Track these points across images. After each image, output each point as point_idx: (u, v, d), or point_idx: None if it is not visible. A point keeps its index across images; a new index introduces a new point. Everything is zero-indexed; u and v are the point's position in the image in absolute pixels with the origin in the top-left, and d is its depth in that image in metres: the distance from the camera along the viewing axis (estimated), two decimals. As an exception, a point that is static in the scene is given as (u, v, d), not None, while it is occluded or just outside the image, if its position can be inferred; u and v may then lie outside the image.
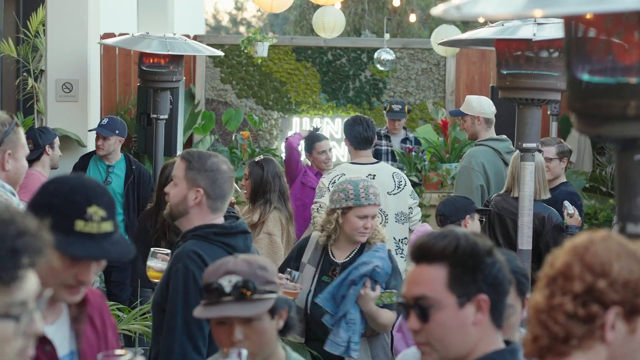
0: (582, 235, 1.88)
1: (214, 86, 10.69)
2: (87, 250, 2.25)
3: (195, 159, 3.35)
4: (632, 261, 1.82)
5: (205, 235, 3.30)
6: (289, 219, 5.68)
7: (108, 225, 2.28)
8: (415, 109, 10.68)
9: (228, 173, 3.38)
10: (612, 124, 1.89)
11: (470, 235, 2.12)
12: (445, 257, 2.09)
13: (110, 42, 7.07)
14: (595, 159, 10.00)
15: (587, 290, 1.80)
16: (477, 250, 2.09)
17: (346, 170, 6.01)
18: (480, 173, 6.10)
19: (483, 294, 2.08)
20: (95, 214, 2.26)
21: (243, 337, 2.52)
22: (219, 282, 2.53)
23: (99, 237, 2.26)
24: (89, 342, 2.44)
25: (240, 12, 30.20)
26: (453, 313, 2.08)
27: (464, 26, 12.20)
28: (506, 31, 3.91)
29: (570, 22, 1.92)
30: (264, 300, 2.53)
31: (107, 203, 2.30)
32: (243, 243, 3.37)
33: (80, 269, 2.28)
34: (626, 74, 1.85)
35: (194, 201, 3.31)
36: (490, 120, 6.40)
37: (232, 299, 2.51)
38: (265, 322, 2.56)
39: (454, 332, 2.09)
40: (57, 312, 2.40)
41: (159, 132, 6.41)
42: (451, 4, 1.84)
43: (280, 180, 5.69)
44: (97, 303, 2.52)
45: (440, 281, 2.08)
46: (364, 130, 5.98)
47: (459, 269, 2.08)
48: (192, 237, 3.31)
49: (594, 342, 1.82)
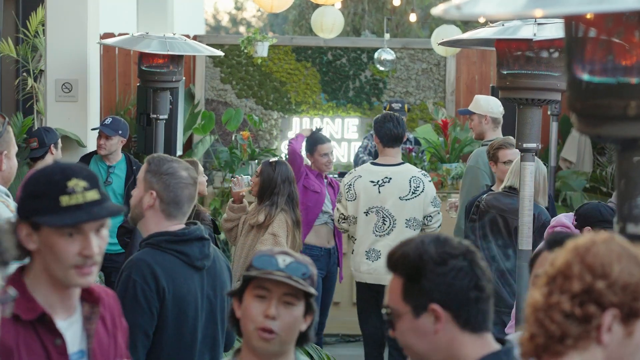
0: (585, 235, 1.88)
1: (213, 86, 10.69)
2: (76, 217, 2.27)
3: (154, 162, 3.39)
4: (633, 264, 1.81)
5: (157, 243, 3.32)
6: (295, 223, 5.71)
7: (93, 193, 2.31)
8: (415, 109, 10.67)
9: (186, 180, 3.37)
10: (613, 124, 1.89)
11: (426, 244, 2.11)
12: (398, 268, 2.12)
13: (110, 42, 7.06)
14: (595, 159, 9.99)
15: (585, 290, 1.80)
16: (424, 261, 2.08)
17: (364, 172, 6.07)
18: (487, 173, 6.12)
19: (434, 303, 2.08)
20: (76, 185, 2.29)
21: (277, 316, 2.53)
22: (275, 256, 2.57)
23: (87, 206, 2.29)
24: (100, 342, 2.45)
25: (240, 12, 30.19)
26: (411, 323, 2.10)
27: (464, 26, 12.19)
28: (506, 31, 3.90)
29: (571, 22, 1.91)
30: (308, 288, 2.56)
31: (86, 175, 2.33)
32: (199, 250, 3.36)
33: (81, 244, 2.30)
34: (627, 74, 1.84)
35: (147, 204, 3.33)
36: (497, 120, 6.41)
37: (284, 274, 2.53)
38: (299, 311, 2.58)
39: (419, 341, 2.11)
40: (71, 309, 2.41)
41: (159, 132, 6.40)
42: (451, 4, 1.83)
43: (290, 185, 5.74)
44: (110, 304, 2.53)
45: (397, 292, 2.11)
46: (394, 127, 6.04)
47: (409, 279, 2.10)
48: (145, 246, 3.34)
49: (589, 343, 1.81)
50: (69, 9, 7.72)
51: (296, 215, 5.73)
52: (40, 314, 2.32)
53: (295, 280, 2.53)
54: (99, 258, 2.35)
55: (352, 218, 6.07)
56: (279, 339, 2.55)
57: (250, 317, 2.57)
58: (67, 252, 2.29)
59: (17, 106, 9.40)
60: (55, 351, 2.34)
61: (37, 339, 2.33)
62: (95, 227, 2.32)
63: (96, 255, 2.32)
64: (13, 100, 9.54)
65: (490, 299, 2.14)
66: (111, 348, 2.48)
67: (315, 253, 6.69)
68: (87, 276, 2.33)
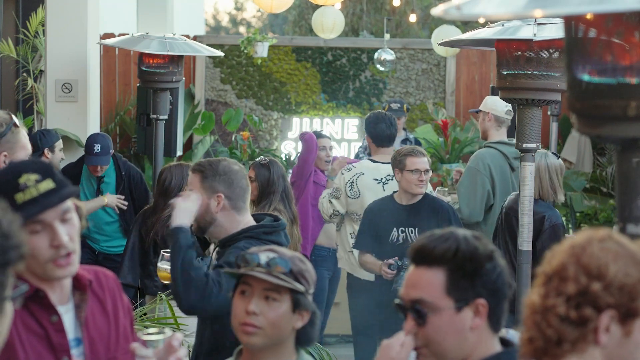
0: (583, 233, 1.86)
1: (213, 86, 10.69)
2: (28, 211, 2.26)
3: (207, 167, 3.50)
4: (631, 264, 1.78)
5: (256, 235, 3.44)
6: (293, 220, 5.65)
7: (47, 183, 2.30)
8: (415, 109, 10.67)
9: (241, 172, 3.53)
10: (613, 124, 1.89)
11: (472, 238, 2.12)
12: (444, 262, 2.09)
13: (110, 43, 7.06)
14: (595, 159, 9.99)
15: (580, 292, 1.77)
16: (477, 255, 2.09)
17: (365, 169, 6.03)
18: (487, 176, 6.09)
19: (482, 298, 2.08)
20: (28, 180, 2.28)
21: (258, 312, 2.57)
22: (258, 254, 2.62)
23: (42, 197, 2.28)
24: (98, 328, 2.45)
25: (240, 13, 30.19)
26: (450, 318, 2.08)
27: (464, 26, 12.20)
28: (506, 31, 3.90)
29: (571, 22, 1.91)
30: (290, 284, 2.59)
31: (37, 167, 2.32)
32: (286, 240, 3.54)
33: (49, 236, 2.29)
34: (627, 74, 1.84)
35: (217, 207, 3.44)
36: (500, 120, 6.37)
37: (263, 270, 2.58)
38: (284, 308, 2.61)
39: (451, 337, 2.09)
40: (63, 299, 2.41)
41: (159, 132, 6.40)
42: (451, 4, 1.83)
43: (284, 181, 5.66)
44: (110, 285, 2.53)
45: (438, 285, 2.08)
46: (387, 128, 6.03)
47: (458, 273, 2.08)
48: (243, 238, 3.43)
49: (587, 345, 1.79)
50: (69, 9, 7.71)
51: (292, 211, 5.66)
52: (34, 290, 2.32)
53: (275, 275, 2.56)
54: (73, 246, 2.33)
55: (354, 215, 6.04)
56: (263, 333, 2.58)
57: (234, 313, 2.64)
58: (38, 247, 2.28)
59: (17, 106, 9.40)
60: (53, 328, 2.35)
61: (32, 317, 2.34)
62: (58, 216, 2.31)
63: (67, 244, 2.30)
64: (13, 100, 9.54)
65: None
66: (112, 331, 2.48)
67: (324, 254, 6.69)
68: (65, 268, 2.32)
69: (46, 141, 6.43)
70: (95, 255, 6.67)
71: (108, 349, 2.46)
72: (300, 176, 6.60)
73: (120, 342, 2.49)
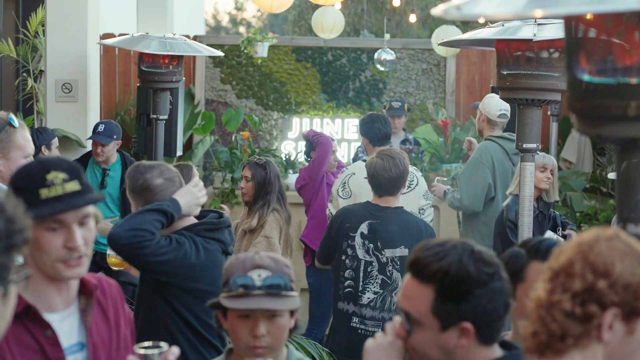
0: (591, 231, 1.87)
1: (213, 86, 10.68)
2: (53, 208, 2.27)
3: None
4: (637, 263, 1.80)
5: (197, 232, 3.53)
6: (287, 220, 5.65)
7: (73, 184, 2.30)
8: (415, 109, 10.67)
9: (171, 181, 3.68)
10: (613, 124, 1.89)
11: (468, 260, 2.07)
12: (434, 281, 2.07)
13: (110, 43, 7.05)
14: (595, 159, 9.99)
15: (586, 289, 1.79)
16: (467, 280, 2.06)
17: (357, 170, 6.03)
18: (489, 169, 6.13)
19: (467, 322, 2.06)
20: (55, 177, 2.29)
21: (265, 332, 2.57)
22: (249, 275, 2.57)
23: (67, 197, 2.29)
24: (101, 334, 2.44)
25: (240, 13, 30.18)
26: (435, 335, 2.08)
27: (464, 26, 12.19)
28: (506, 31, 3.90)
29: (571, 22, 1.91)
30: (291, 298, 2.59)
31: (66, 167, 2.33)
32: (230, 237, 3.61)
33: (65, 237, 2.30)
34: (627, 75, 1.84)
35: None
36: (492, 123, 6.41)
37: (262, 293, 2.55)
38: (286, 319, 2.63)
39: (435, 352, 2.09)
40: (68, 301, 2.41)
41: (159, 132, 6.39)
42: (451, 4, 1.83)
43: (279, 181, 5.66)
44: (113, 294, 2.53)
45: (425, 303, 2.07)
46: (383, 127, 6.07)
47: (445, 295, 2.06)
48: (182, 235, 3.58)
49: (590, 342, 1.81)
50: (69, 9, 7.71)
51: (287, 212, 5.66)
52: (25, 306, 2.31)
53: (282, 296, 2.56)
54: (86, 250, 2.34)
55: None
56: (270, 349, 2.60)
57: (240, 337, 2.60)
58: (51, 245, 2.29)
59: (17, 106, 9.40)
60: (47, 342, 2.34)
61: (27, 332, 2.33)
62: (77, 219, 2.32)
63: (81, 247, 2.31)
64: (13, 100, 9.54)
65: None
66: (113, 339, 2.48)
67: None
68: (75, 269, 2.32)
69: (43, 138, 6.47)
70: (94, 255, 6.66)
71: (109, 356, 2.45)
72: (315, 178, 6.59)
73: (121, 352, 2.49)
